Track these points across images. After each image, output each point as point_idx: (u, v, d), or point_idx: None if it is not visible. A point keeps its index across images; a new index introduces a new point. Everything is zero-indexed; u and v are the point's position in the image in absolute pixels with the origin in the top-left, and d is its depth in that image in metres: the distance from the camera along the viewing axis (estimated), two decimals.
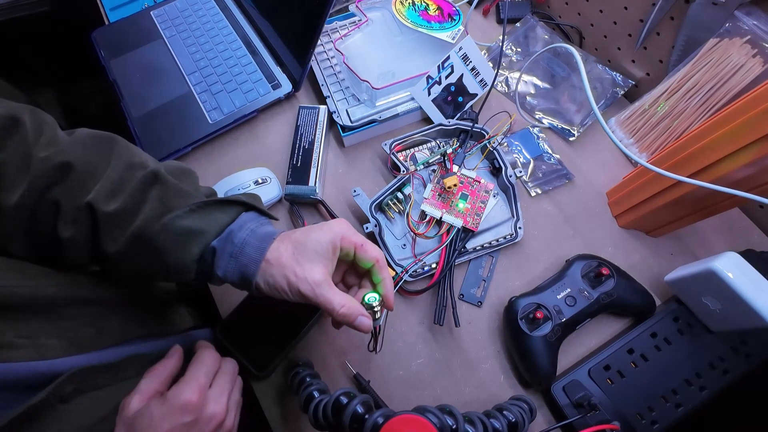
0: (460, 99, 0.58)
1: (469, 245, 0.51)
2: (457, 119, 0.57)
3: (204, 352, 0.36)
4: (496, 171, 0.56)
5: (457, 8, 0.63)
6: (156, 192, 0.34)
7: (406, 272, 0.48)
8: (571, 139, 0.59)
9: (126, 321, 0.40)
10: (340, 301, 0.33)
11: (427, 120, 0.61)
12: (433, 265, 0.49)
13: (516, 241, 0.50)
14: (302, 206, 0.55)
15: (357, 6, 0.64)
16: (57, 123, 0.36)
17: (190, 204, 0.34)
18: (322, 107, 0.59)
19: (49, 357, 0.31)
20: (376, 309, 0.36)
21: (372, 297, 0.36)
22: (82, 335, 0.34)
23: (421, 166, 0.55)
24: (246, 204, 0.37)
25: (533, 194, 0.56)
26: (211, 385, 0.34)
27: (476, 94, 0.59)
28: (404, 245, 0.52)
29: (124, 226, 0.33)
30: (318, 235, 0.35)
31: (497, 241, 0.51)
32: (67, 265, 0.37)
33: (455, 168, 0.53)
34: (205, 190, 0.38)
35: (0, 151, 0.32)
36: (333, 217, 0.52)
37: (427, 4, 0.63)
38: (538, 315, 0.44)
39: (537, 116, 0.62)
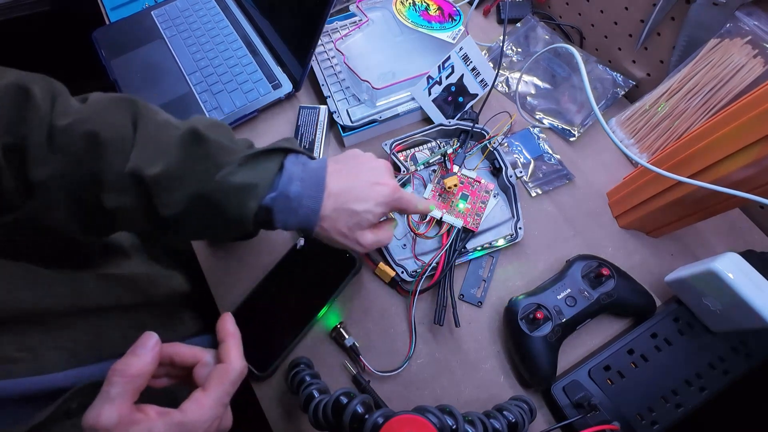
0: (461, 99, 0.58)
1: (470, 245, 0.51)
2: (457, 119, 0.57)
3: (236, 364, 0.31)
4: (496, 171, 0.56)
5: (458, 8, 0.63)
6: (199, 150, 0.33)
7: (419, 275, 0.48)
8: (571, 139, 0.59)
9: (127, 329, 0.39)
10: (387, 236, 0.40)
11: (427, 120, 0.61)
12: (434, 265, 0.49)
13: (516, 241, 0.50)
14: None
15: (357, 6, 0.64)
16: (68, 90, 0.34)
17: (237, 158, 0.34)
18: (323, 107, 0.59)
19: (50, 370, 0.31)
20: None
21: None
22: (81, 346, 0.34)
23: (422, 166, 0.55)
24: (286, 149, 0.37)
25: (533, 194, 0.56)
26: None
27: (477, 95, 0.59)
28: (404, 245, 0.52)
29: (177, 188, 0.32)
30: (370, 205, 0.37)
31: (497, 241, 0.51)
32: (123, 230, 0.36)
33: (455, 168, 0.53)
34: (242, 142, 0.37)
35: (20, 124, 0.30)
36: None
37: (428, 4, 0.63)
38: (538, 315, 0.44)
39: (537, 116, 0.62)
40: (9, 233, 0.34)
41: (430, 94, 0.58)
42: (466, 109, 0.59)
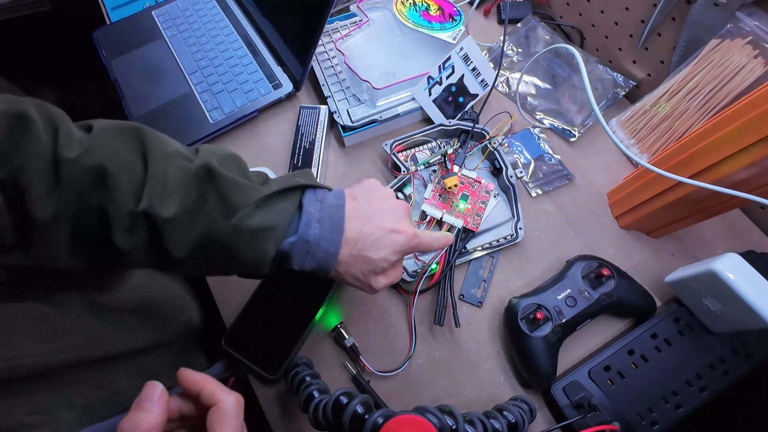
0: (461, 99, 0.58)
1: (470, 246, 0.51)
2: (457, 119, 0.57)
3: (226, 399, 0.29)
4: (496, 171, 0.55)
5: (458, 8, 0.63)
6: (214, 189, 0.32)
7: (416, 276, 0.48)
8: (572, 139, 0.59)
9: (136, 377, 0.37)
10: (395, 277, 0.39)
11: (427, 120, 0.61)
12: (434, 265, 0.49)
13: (516, 241, 0.50)
14: None
15: (358, 6, 0.64)
16: (67, 115, 0.31)
17: (254, 200, 0.33)
18: (323, 107, 0.59)
19: None
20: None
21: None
22: (93, 400, 0.32)
23: (422, 167, 0.55)
24: (303, 186, 0.36)
25: (534, 195, 0.56)
26: None
27: (477, 95, 0.59)
28: None
29: (188, 231, 0.31)
30: (386, 253, 0.36)
31: (497, 241, 0.51)
32: (127, 267, 0.34)
33: (456, 168, 0.53)
34: (256, 177, 0.35)
35: (15, 154, 0.27)
36: None
37: (428, 5, 0.63)
38: (539, 315, 0.44)
39: (538, 117, 0.62)
40: (14, 271, 0.31)
41: (430, 94, 0.58)
42: (466, 109, 0.59)
